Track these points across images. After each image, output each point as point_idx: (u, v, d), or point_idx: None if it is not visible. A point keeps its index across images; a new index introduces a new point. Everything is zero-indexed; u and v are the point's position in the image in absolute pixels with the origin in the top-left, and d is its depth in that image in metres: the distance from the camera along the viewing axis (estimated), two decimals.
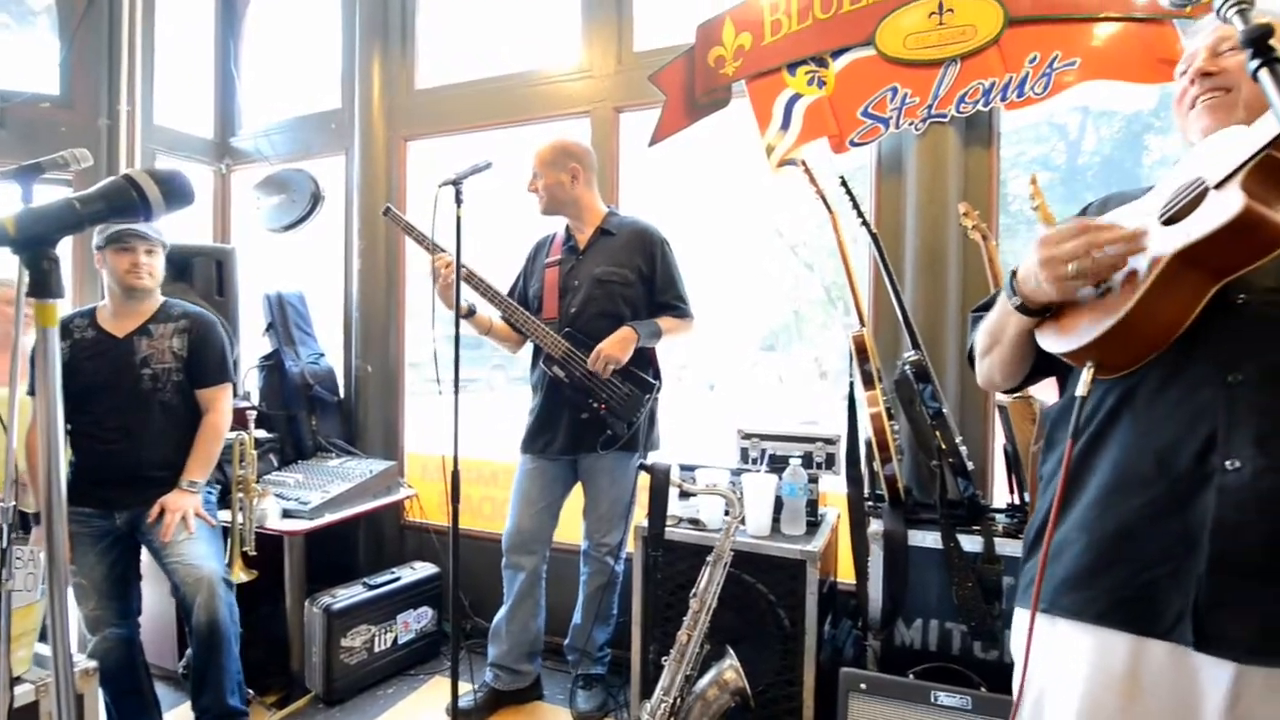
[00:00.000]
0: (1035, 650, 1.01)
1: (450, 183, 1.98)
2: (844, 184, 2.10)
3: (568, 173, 2.36)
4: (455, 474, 2.01)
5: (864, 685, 1.79)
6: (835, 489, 2.30)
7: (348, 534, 3.10)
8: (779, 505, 2.15)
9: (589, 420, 2.30)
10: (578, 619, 2.49)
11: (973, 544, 1.86)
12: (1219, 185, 0.77)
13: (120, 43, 3.25)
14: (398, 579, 2.74)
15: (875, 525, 1.98)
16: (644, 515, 1.99)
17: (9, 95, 3.12)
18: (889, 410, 2.01)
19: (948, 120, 2.22)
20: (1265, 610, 0.81)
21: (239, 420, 2.42)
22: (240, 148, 3.67)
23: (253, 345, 3.24)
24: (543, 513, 2.43)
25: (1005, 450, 2.03)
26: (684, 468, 2.30)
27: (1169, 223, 0.83)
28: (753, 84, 2.46)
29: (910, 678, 1.79)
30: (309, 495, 2.65)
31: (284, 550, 2.54)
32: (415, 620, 2.77)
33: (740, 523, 1.86)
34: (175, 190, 0.85)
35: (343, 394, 3.30)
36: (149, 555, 2.15)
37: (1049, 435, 1.06)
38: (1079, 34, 2.08)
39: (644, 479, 1.83)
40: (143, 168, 1.16)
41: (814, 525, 2.17)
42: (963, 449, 1.96)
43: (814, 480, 2.21)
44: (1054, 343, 0.94)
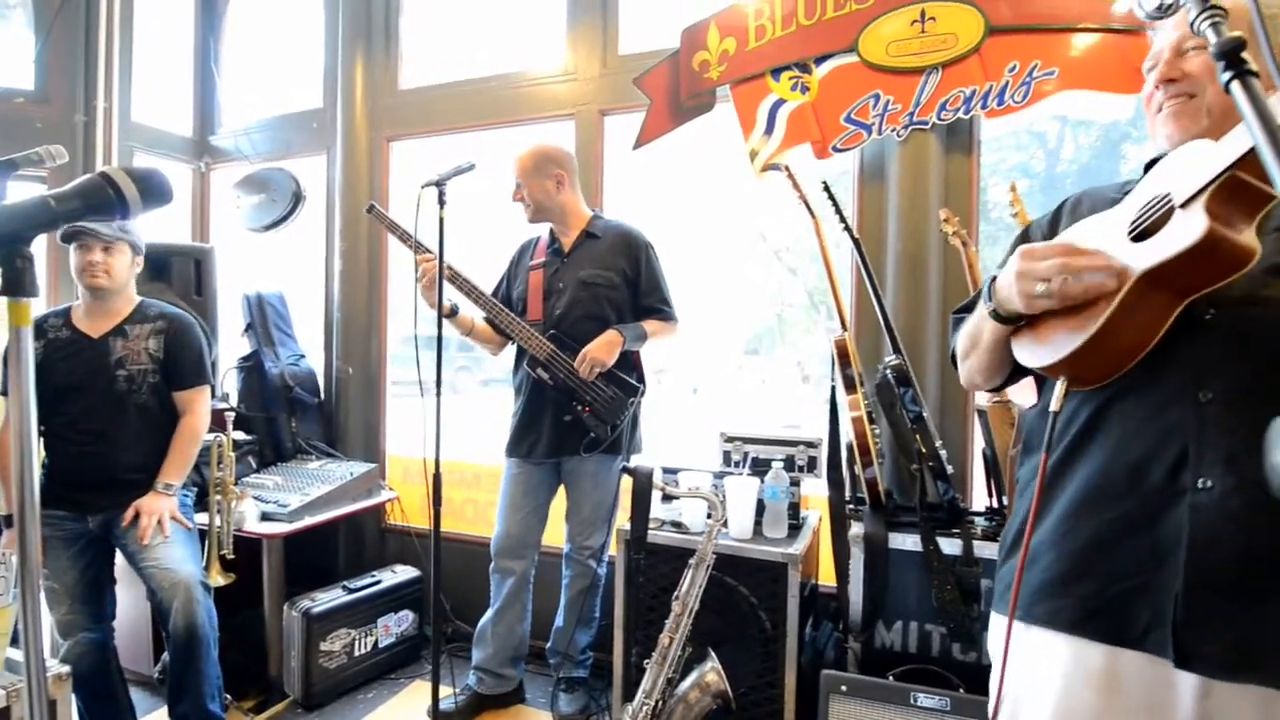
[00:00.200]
0: (1011, 655, 1.02)
1: (433, 184, 1.96)
2: (827, 189, 2.12)
3: (552, 179, 2.35)
4: (437, 476, 2.00)
5: (844, 687, 1.80)
6: (817, 492, 2.32)
7: (328, 537, 3.07)
8: (761, 508, 2.16)
9: (572, 423, 2.30)
10: (560, 622, 2.48)
11: (952, 547, 1.88)
12: (1184, 204, 0.79)
13: (97, 38, 3.20)
14: (378, 582, 2.72)
15: (856, 528, 1.99)
16: (627, 518, 1.99)
17: None
18: (870, 414, 2.03)
19: (929, 127, 2.24)
20: (1239, 628, 0.82)
21: (217, 422, 2.39)
22: (220, 146, 3.63)
23: (231, 346, 3.20)
24: (529, 516, 2.42)
25: (984, 454, 2.06)
26: (667, 471, 2.31)
27: (1138, 238, 0.84)
28: (737, 89, 2.48)
29: (890, 679, 1.81)
30: (288, 498, 2.63)
31: (263, 553, 2.51)
32: (396, 624, 2.75)
33: (722, 526, 1.87)
34: (153, 188, 0.84)
35: (323, 396, 3.27)
36: (124, 559, 2.12)
37: (1026, 441, 1.07)
38: (1058, 44, 2.11)
39: (627, 482, 1.83)
40: (120, 165, 1.15)
41: (795, 528, 2.19)
42: (942, 453, 1.98)
43: (796, 483, 2.22)
44: (1027, 355, 0.96)
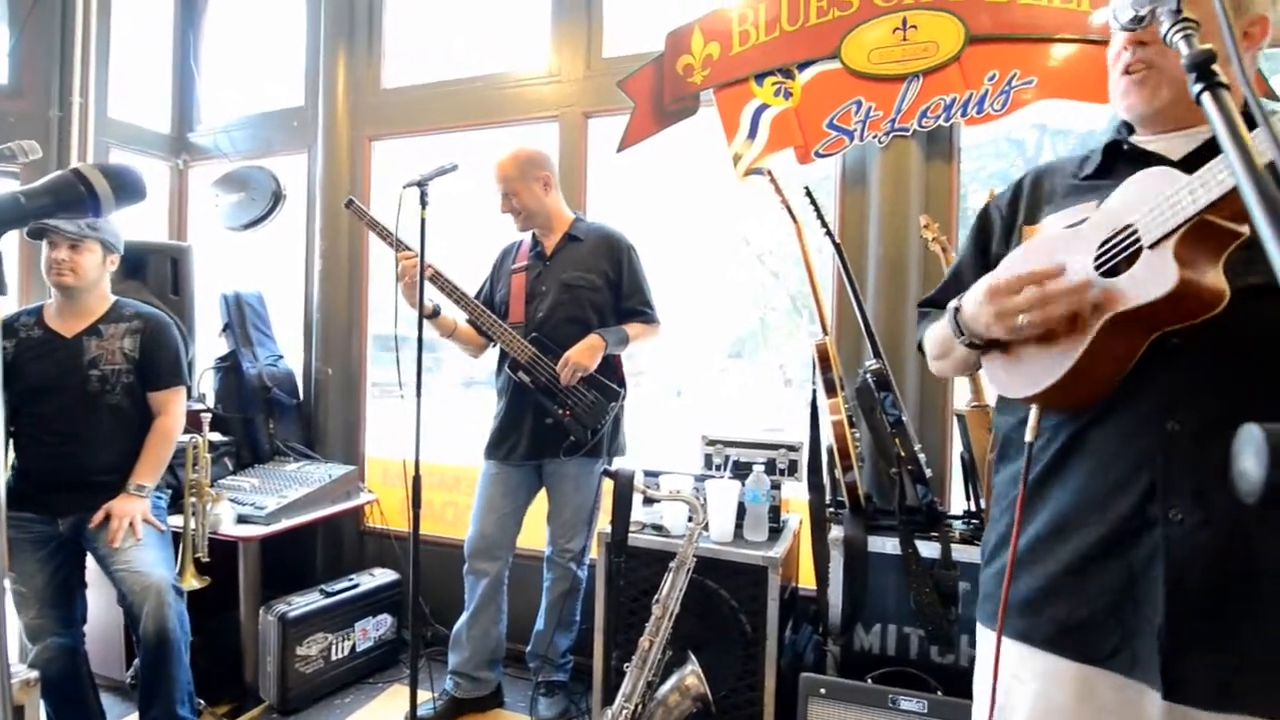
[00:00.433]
0: (986, 663, 1.04)
1: (415, 184, 1.95)
2: (809, 194, 2.13)
3: (539, 181, 2.35)
4: (417, 479, 1.99)
5: (823, 690, 1.81)
6: (797, 495, 2.33)
7: (305, 540, 3.04)
8: (742, 511, 2.16)
9: (553, 426, 2.29)
10: (540, 625, 2.47)
11: (930, 550, 1.90)
12: (1152, 245, 0.80)
13: (74, 31, 3.14)
14: (356, 586, 2.69)
15: (836, 532, 2.00)
16: (608, 521, 1.99)
17: None
18: (850, 418, 2.05)
19: (910, 134, 2.27)
20: (1220, 661, 0.83)
21: (193, 423, 2.35)
22: (199, 143, 3.58)
23: (208, 346, 3.15)
24: (507, 518, 2.40)
25: (962, 458, 2.08)
26: (648, 474, 2.30)
27: (1106, 273, 0.85)
28: (720, 93, 2.49)
29: (869, 682, 1.82)
30: (265, 500, 2.59)
31: (238, 556, 2.47)
32: (374, 628, 2.72)
33: (703, 529, 1.88)
34: (126, 185, 0.82)
35: (302, 397, 3.23)
36: (95, 562, 2.08)
37: (1001, 448, 1.08)
38: (1037, 54, 2.14)
39: (608, 485, 1.83)
40: (94, 162, 1.13)
41: (776, 531, 2.19)
42: (921, 457, 1.99)
43: (776, 487, 2.23)
44: (1002, 386, 0.99)
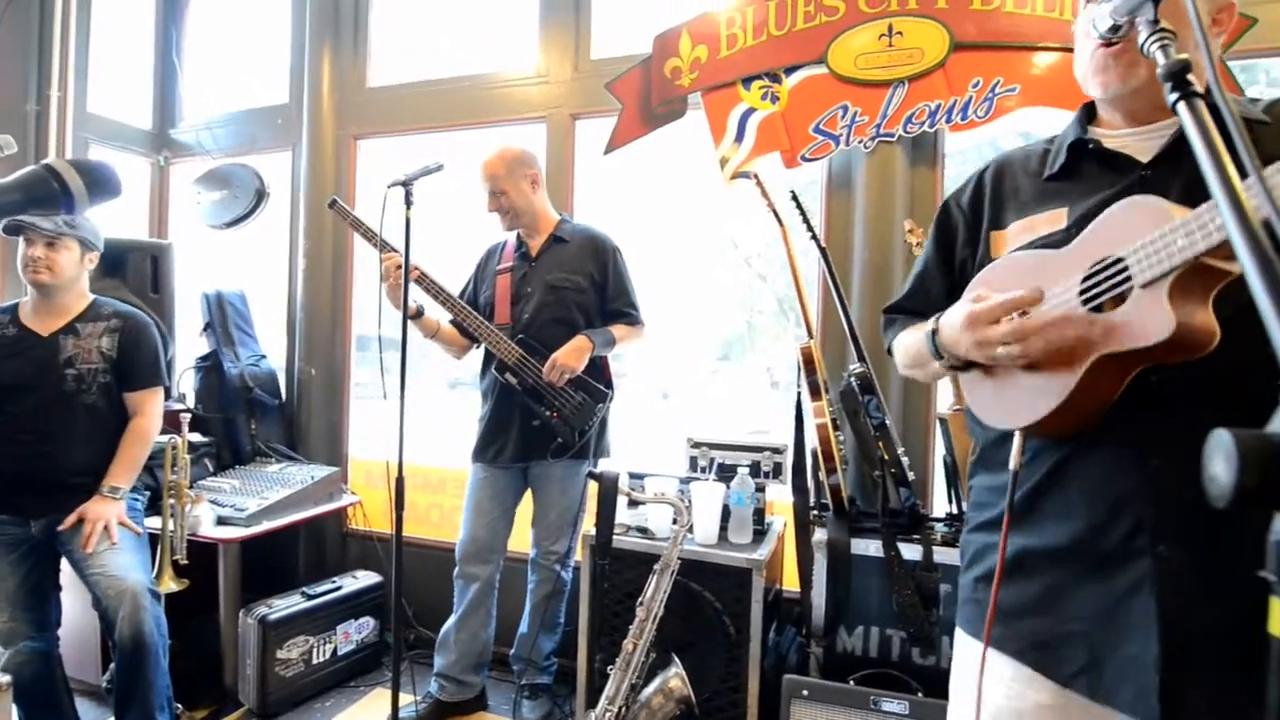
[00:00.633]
0: (963, 666, 1.05)
1: (399, 184, 1.93)
2: (795, 198, 2.14)
3: (527, 180, 2.34)
4: (400, 480, 1.97)
5: (806, 692, 1.81)
6: (782, 498, 2.33)
7: (287, 542, 3.01)
8: (726, 514, 2.17)
9: (540, 428, 2.28)
10: (524, 628, 2.46)
11: (912, 552, 1.91)
12: (1145, 285, 0.78)
13: (52, 23, 3.09)
14: (339, 588, 2.66)
15: (820, 534, 2.01)
16: (593, 523, 1.98)
17: None
18: (835, 421, 2.05)
19: (895, 140, 2.28)
20: (1212, 697, 0.83)
21: (172, 423, 2.32)
22: (180, 140, 3.54)
23: (189, 345, 3.11)
24: (496, 521, 2.39)
25: (944, 461, 2.09)
26: (633, 476, 2.30)
27: (1093, 306, 0.84)
28: (708, 96, 2.49)
29: (851, 684, 1.83)
30: (246, 502, 2.56)
31: (218, 559, 2.44)
32: (356, 631, 2.70)
33: (688, 531, 1.87)
34: (100, 182, 0.81)
35: (284, 397, 3.20)
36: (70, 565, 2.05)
37: (980, 455, 1.07)
38: (1020, 62, 2.17)
39: (594, 487, 1.82)
40: (68, 157, 1.11)
41: (760, 534, 2.20)
42: (904, 459, 2.01)
43: (761, 489, 2.23)
44: (984, 409, 0.99)
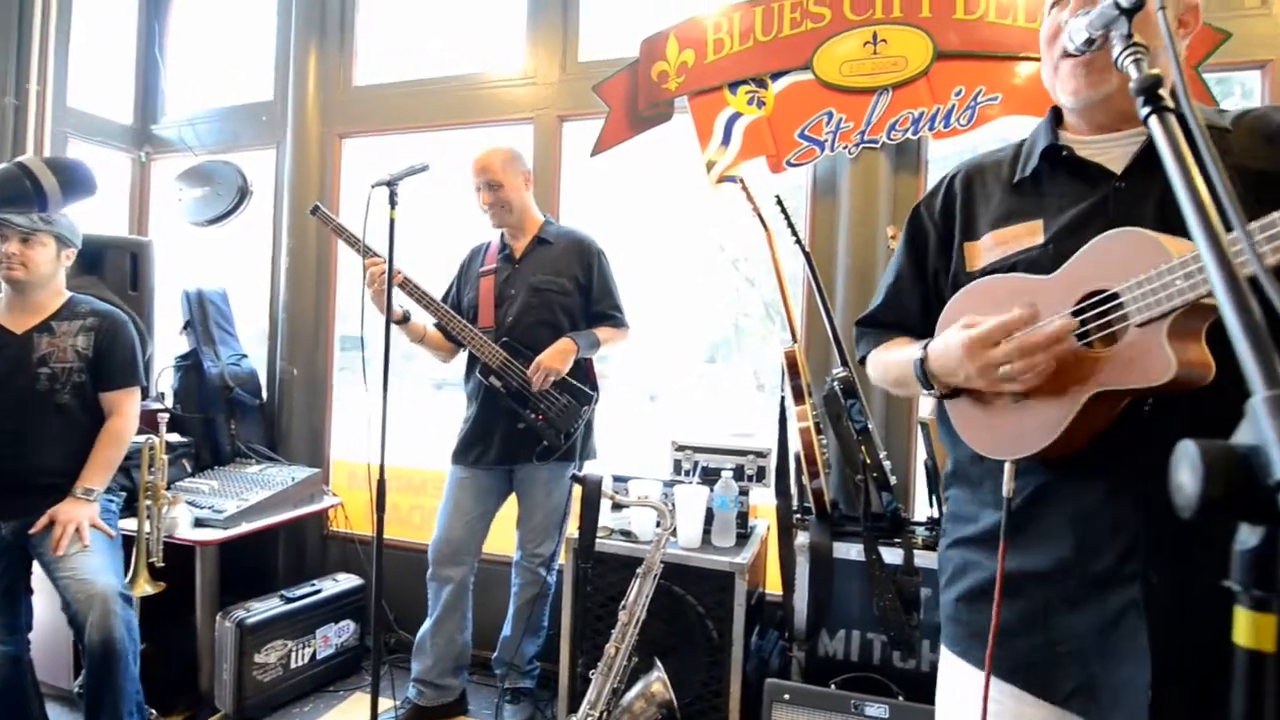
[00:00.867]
0: (949, 687, 1.05)
1: (384, 183, 1.91)
2: (779, 203, 2.15)
3: (521, 177, 2.35)
4: (381, 482, 1.96)
5: (788, 695, 1.82)
6: (765, 501, 2.34)
7: (266, 544, 2.97)
8: (710, 517, 2.17)
9: (525, 430, 2.27)
10: (507, 631, 2.45)
11: (894, 556, 1.92)
12: (1142, 324, 0.77)
13: (32, 15, 3.03)
14: (318, 591, 2.64)
15: (802, 538, 2.02)
16: (577, 526, 1.98)
17: None
18: (818, 425, 2.06)
19: (879, 146, 2.30)
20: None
21: (149, 423, 2.28)
22: (162, 136, 3.49)
23: (168, 344, 3.07)
24: (475, 522, 2.37)
25: (926, 465, 2.10)
26: (617, 479, 2.30)
27: (1086, 342, 0.84)
28: (694, 100, 2.50)
29: (832, 688, 1.83)
30: (224, 503, 2.53)
31: (195, 561, 2.41)
32: (336, 634, 2.67)
33: (671, 535, 1.87)
34: (74, 181, 0.80)
35: (265, 397, 3.16)
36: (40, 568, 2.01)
37: (955, 470, 1.07)
38: (1002, 71, 2.19)
39: (579, 490, 1.82)
40: (42, 155, 1.09)
41: (744, 537, 2.20)
42: (886, 464, 2.02)
43: (745, 493, 2.24)
44: (975, 438, 0.97)
